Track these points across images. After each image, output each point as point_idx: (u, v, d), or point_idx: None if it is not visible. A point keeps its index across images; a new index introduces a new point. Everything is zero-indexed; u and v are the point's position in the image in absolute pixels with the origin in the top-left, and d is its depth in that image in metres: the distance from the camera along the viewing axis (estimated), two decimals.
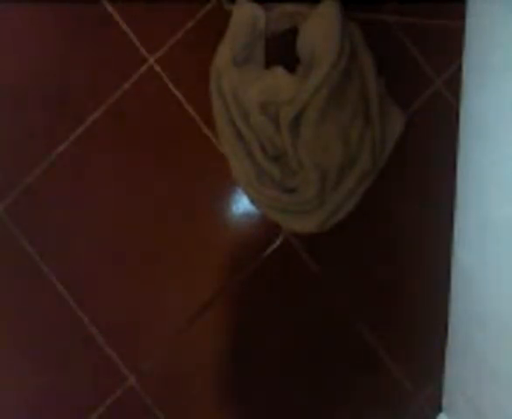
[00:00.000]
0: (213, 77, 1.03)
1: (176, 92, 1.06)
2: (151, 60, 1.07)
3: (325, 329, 1.04)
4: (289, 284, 1.05)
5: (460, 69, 0.73)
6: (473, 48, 0.71)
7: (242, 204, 1.06)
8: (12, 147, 1.07)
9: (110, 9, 1.07)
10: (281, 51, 1.03)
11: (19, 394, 1.05)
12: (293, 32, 1.02)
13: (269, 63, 1.03)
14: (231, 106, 1.01)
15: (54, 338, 1.05)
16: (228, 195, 1.06)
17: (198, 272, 1.05)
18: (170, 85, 1.06)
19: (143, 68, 1.07)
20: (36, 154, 1.06)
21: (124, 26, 1.07)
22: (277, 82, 1.00)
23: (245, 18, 1.01)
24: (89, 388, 1.05)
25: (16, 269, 1.06)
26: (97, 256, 1.05)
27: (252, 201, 1.04)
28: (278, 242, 1.05)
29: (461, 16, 0.74)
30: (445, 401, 0.81)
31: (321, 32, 0.98)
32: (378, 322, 1.04)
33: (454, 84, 1.01)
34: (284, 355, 1.05)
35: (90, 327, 1.05)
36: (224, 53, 1.01)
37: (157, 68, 1.07)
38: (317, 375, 1.04)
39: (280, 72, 1.01)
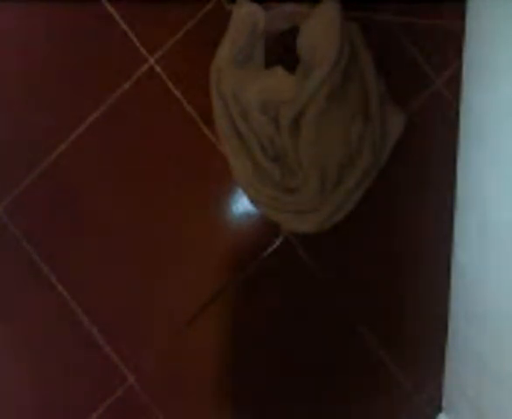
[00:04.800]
0: (213, 77, 1.03)
1: (176, 92, 1.06)
2: (151, 60, 1.07)
3: (325, 329, 1.04)
4: (289, 283, 1.05)
5: (460, 69, 0.73)
6: (473, 48, 0.71)
7: (242, 204, 1.06)
8: (12, 148, 1.07)
9: (110, 9, 1.07)
10: (281, 51, 1.03)
11: (20, 395, 1.05)
12: (293, 32, 1.02)
13: (269, 63, 1.03)
14: (231, 106, 1.01)
15: (54, 338, 1.05)
16: (228, 195, 1.06)
17: (198, 272, 1.05)
18: (170, 85, 1.06)
19: (143, 68, 1.07)
20: (36, 154, 1.06)
21: (124, 26, 1.07)
22: (277, 82, 1.00)
23: (245, 18, 1.01)
24: (89, 388, 1.05)
25: (16, 269, 1.06)
26: (97, 256, 1.05)
27: (252, 201, 1.04)
28: (278, 242, 1.05)
29: (461, 16, 0.74)
30: (445, 401, 0.81)
31: (321, 32, 0.98)
32: (378, 322, 1.04)
33: (454, 84, 1.01)
34: (284, 355, 1.05)
35: (90, 327, 1.05)
36: (224, 53, 1.01)
37: (157, 68, 1.07)
38: (317, 375, 1.04)
39: (280, 72, 1.01)
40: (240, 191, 1.05)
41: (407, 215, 1.05)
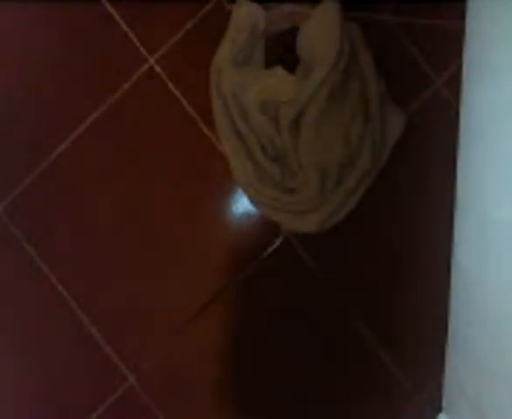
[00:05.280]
0: (213, 77, 1.03)
1: (176, 92, 1.06)
2: (151, 60, 1.07)
3: (324, 329, 1.04)
4: (289, 283, 1.05)
5: (460, 69, 0.73)
6: (473, 48, 0.71)
7: (242, 204, 1.06)
8: (12, 147, 1.07)
9: (110, 9, 1.07)
10: (281, 51, 1.03)
11: (20, 394, 1.05)
12: (293, 32, 1.02)
13: (269, 63, 1.03)
14: (231, 106, 1.01)
15: (54, 338, 1.05)
16: (228, 195, 1.06)
17: (198, 272, 1.05)
18: (170, 85, 1.06)
19: (143, 68, 1.07)
20: (36, 154, 1.06)
21: (124, 26, 1.07)
22: (277, 82, 1.00)
23: (245, 18, 1.01)
24: (89, 388, 1.05)
25: (16, 269, 1.06)
26: (97, 256, 1.05)
27: (252, 201, 1.04)
28: (278, 242, 1.05)
29: (461, 16, 0.74)
30: (445, 402, 0.81)
31: (321, 32, 0.98)
32: (378, 322, 1.04)
33: (454, 84, 1.01)
34: (283, 355, 1.05)
35: (90, 327, 1.05)
36: (224, 53, 1.01)
37: (157, 68, 1.07)
38: (317, 375, 1.04)
39: (280, 72, 1.01)
40: (240, 191, 1.05)
41: (407, 215, 1.05)
